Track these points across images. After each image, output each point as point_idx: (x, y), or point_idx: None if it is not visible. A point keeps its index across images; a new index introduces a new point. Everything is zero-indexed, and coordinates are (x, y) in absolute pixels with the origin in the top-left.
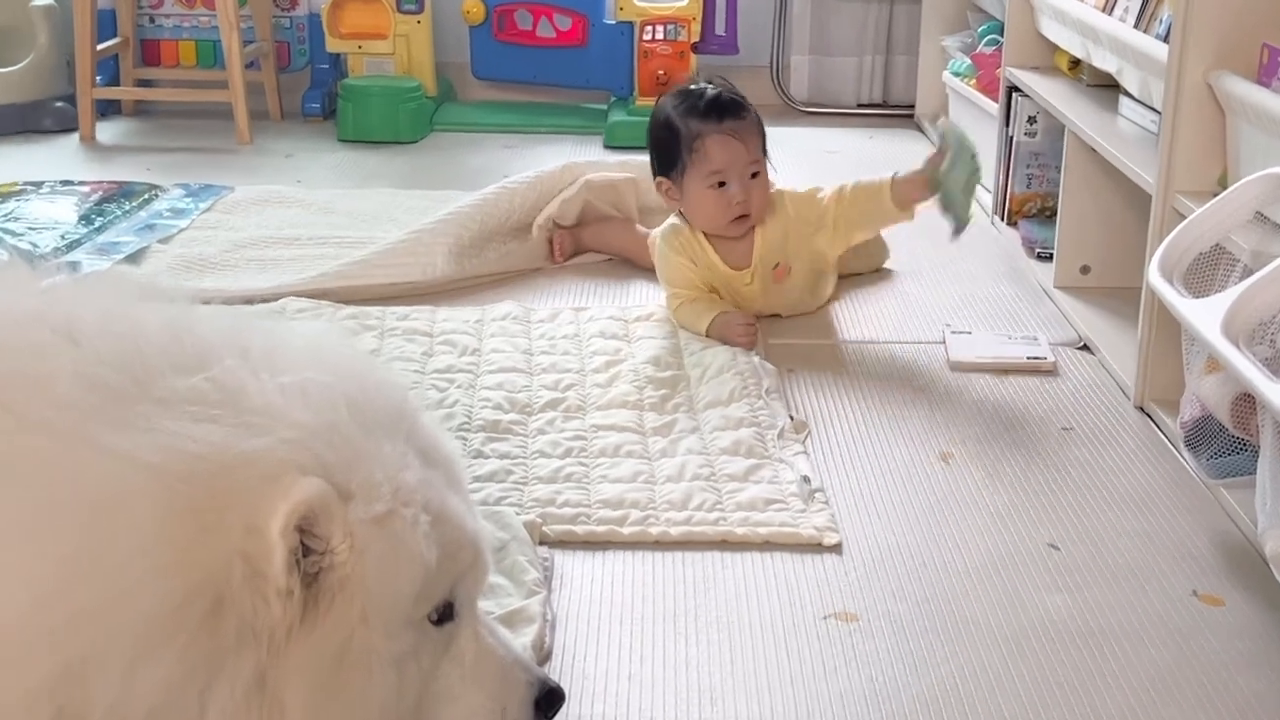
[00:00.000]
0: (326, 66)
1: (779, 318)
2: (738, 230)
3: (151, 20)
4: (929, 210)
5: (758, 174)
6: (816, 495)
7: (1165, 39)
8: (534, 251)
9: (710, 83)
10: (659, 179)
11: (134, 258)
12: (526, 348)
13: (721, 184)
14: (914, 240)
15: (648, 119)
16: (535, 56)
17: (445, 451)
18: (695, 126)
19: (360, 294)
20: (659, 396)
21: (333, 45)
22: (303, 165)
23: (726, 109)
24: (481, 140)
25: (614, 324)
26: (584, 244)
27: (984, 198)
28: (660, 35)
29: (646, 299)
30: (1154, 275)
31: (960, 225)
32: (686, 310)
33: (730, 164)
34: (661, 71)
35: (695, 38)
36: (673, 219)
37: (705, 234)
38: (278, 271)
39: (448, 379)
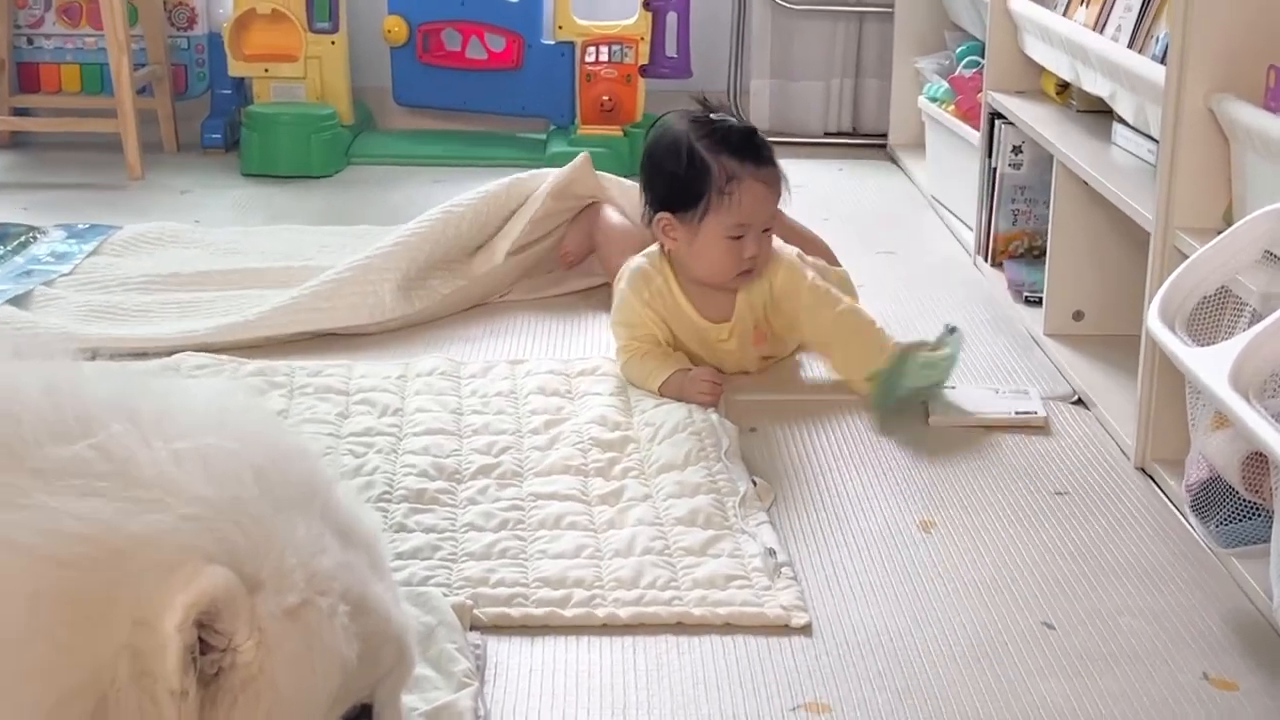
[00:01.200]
0: (229, 92)
1: (744, 373)
2: (737, 284)
3: (30, 41)
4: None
5: (769, 229)
6: (783, 570)
7: (1162, 60)
8: (496, 280)
9: (728, 113)
10: (661, 215)
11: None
12: (456, 407)
13: (739, 236)
14: (887, 284)
15: (597, 147)
16: (465, 81)
17: (365, 528)
18: (732, 167)
19: (283, 341)
20: (606, 460)
21: (236, 68)
22: (201, 203)
23: (763, 153)
24: (405, 174)
25: (555, 379)
26: (591, 239)
27: (965, 237)
28: (605, 57)
29: (591, 349)
30: (1154, 321)
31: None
32: (637, 365)
33: (757, 217)
34: (606, 98)
35: (644, 60)
36: (644, 260)
37: (681, 282)
38: (186, 319)
39: (366, 443)
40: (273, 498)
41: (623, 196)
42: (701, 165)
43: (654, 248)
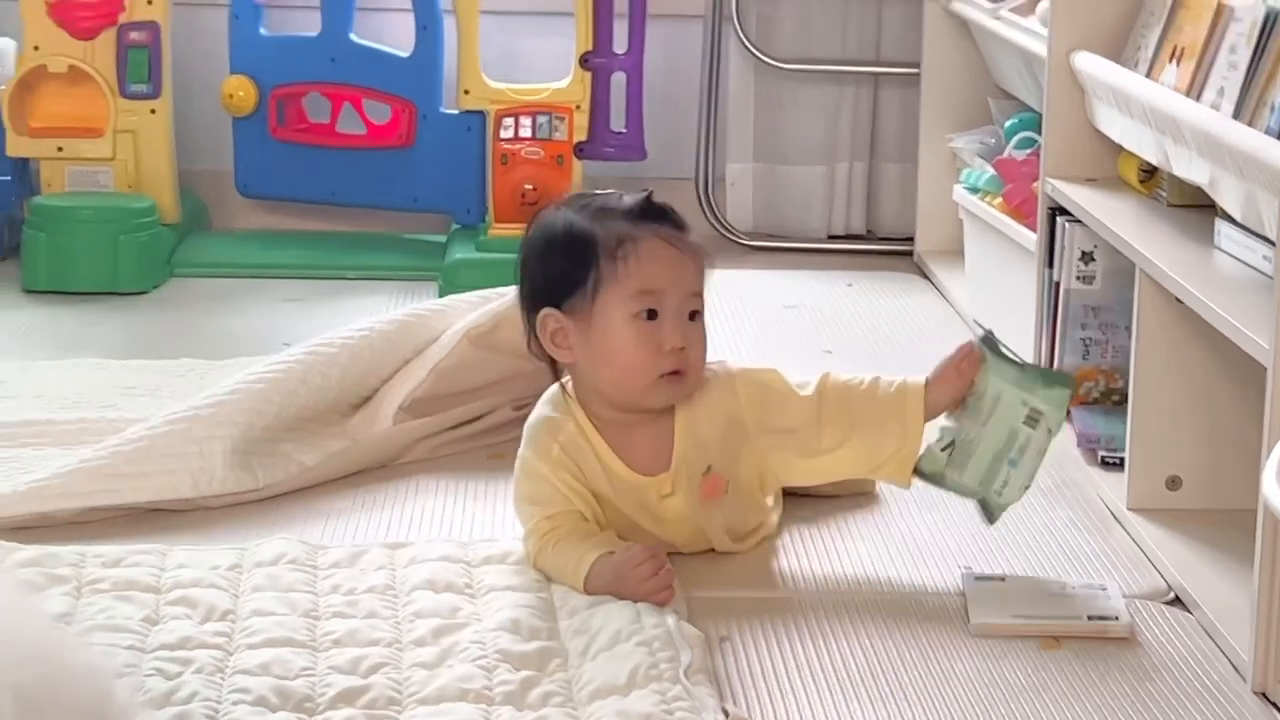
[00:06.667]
0: (7, 179)
1: (712, 553)
2: (665, 396)
3: None
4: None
5: (698, 315)
6: None
7: None
8: (381, 450)
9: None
10: (546, 314)
11: None
12: (310, 608)
13: (652, 314)
14: None
15: (514, 254)
16: (335, 164)
17: None
18: (620, 229)
19: (70, 519)
20: (519, 682)
21: (17, 146)
22: None
23: (664, 213)
24: (248, 290)
25: (450, 569)
26: None
27: None
28: (527, 132)
29: (502, 525)
30: (1273, 489)
31: (992, 509)
32: (551, 556)
33: (671, 284)
34: (530, 186)
35: (580, 136)
36: (545, 406)
37: (597, 423)
38: None
39: (182, 659)
40: None
41: None
42: (582, 236)
43: (555, 388)
